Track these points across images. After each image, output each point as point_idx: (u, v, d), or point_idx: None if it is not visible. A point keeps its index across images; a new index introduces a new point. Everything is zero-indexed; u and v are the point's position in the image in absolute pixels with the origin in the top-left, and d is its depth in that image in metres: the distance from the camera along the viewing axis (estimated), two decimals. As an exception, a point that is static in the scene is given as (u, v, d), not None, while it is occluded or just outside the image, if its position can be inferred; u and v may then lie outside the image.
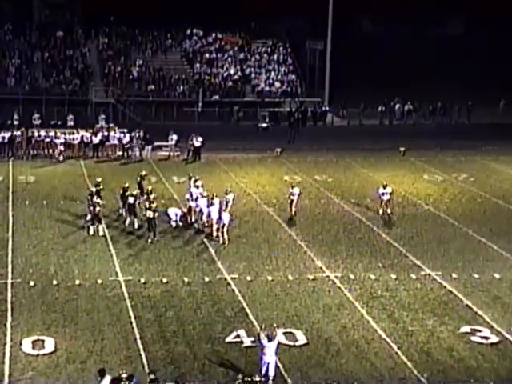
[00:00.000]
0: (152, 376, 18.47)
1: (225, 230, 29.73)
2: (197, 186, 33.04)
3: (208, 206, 31.06)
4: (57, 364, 20.38)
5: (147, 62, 63.01)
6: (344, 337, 22.42)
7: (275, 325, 20.81)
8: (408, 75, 63.80)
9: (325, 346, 21.85)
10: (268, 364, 19.62)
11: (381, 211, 34.11)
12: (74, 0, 67.91)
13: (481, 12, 73.97)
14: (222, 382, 19.67)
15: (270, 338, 19.84)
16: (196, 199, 31.94)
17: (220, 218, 30.01)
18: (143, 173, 36.24)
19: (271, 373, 19.67)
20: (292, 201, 33.56)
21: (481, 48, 71.55)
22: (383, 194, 33.99)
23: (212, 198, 31.29)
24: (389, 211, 33.92)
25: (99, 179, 34.08)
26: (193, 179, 33.91)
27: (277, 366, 19.99)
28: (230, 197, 32.85)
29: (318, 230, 32.19)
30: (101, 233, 30.46)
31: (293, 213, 33.45)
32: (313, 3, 64.40)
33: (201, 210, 31.62)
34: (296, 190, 33.68)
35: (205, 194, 32.21)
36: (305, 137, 52.52)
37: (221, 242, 29.65)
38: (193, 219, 31.86)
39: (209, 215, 31.03)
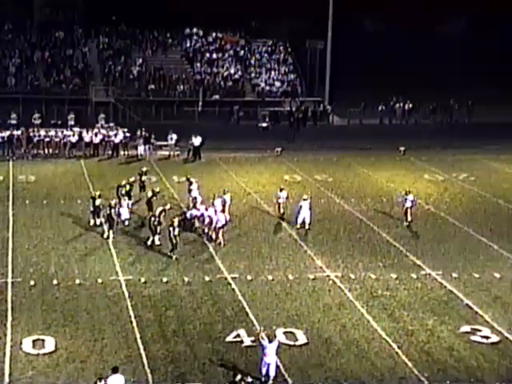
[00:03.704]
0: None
1: (220, 231, 29.57)
2: (190, 189, 33.08)
3: (206, 208, 30.89)
4: (57, 363, 20.39)
5: (147, 61, 63.05)
6: (344, 336, 22.42)
7: (274, 327, 20.79)
8: (408, 74, 63.78)
9: (325, 345, 21.85)
10: (269, 365, 19.63)
11: (409, 218, 32.94)
12: None
13: (481, 11, 73.98)
14: (222, 382, 19.67)
15: (271, 339, 19.84)
16: (195, 199, 31.96)
17: (218, 219, 29.83)
18: (144, 169, 36.30)
19: (272, 373, 19.67)
20: (279, 204, 33.28)
21: (481, 47, 71.51)
22: (406, 200, 32.92)
23: (213, 199, 31.34)
24: (409, 219, 32.93)
25: (132, 178, 34.41)
26: (193, 181, 33.82)
27: (277, 366, 20.00)
28: (227, 197, 32.71)
29: (318, 229, 32.16)
30: (157, 242, 29.19)
31: (281, 214, 33.11)
32: (313, 3, 64.39)
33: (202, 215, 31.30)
34: (284, 194, 33.33)
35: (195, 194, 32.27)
36: (305, 136, 52.53)
37: (220, 242, 29.54)
38: (196, 224, 31.38)
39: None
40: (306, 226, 31.68)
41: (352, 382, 20.02)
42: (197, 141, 45.14)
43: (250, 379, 18.51)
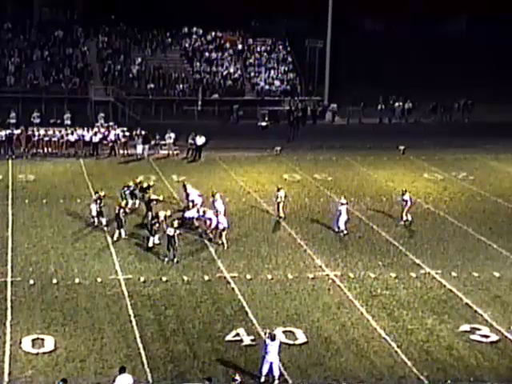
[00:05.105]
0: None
1: (223, 234, 29.52)
2: (187, 194, 33.02)
3: (205, 211, 30.90)
4: (56, 362, 20.40)
5: (147, 60, 63.00)
6: (344, 335, 22.43)
7: (267, 330, 20.80)
8: (408, 74, 63.74)
9: (324, 344, 21.87)
10: (271, 363, 19.63)
11: (408, 217, 32.94)
12: (75, -1, 68.06)
13: (481, 11, 73.97)
14: (221, 381, 19.68)
15: (273, 338, 19.84)
16: (193, 202, 31.96)
17: (220, 221, 29.69)
18: (151, 183, 35.78)
19: (276, 373, 19.66)
20: (278, 203, 33.29)
21: (481, 46, 71.49)
22: (404, 200, 32.92)
23: (213, 201, 31.34)
24: (405, 218, 32.92)
25: (138, 179, 34.52)
26: (188, 187, 33.62)
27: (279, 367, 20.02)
28: (217, 196, 32.51)
29: (317, 228, 32.18)
30: (156, 241, 29.07)
31: (281, 215, 33.14)
32: (313, 2, 64.36)
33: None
34: (281, 193, 33.34)
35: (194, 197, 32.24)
36: (304, 135, 52.52)
37: (224, 244, 29.45)
38: (196, 223, 31.35)
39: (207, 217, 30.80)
40: (345, 231, 31.37)
41: (351, 381, 20.04)
42: (200, 140, 45.06)
43: (238, 378, 18.38)
